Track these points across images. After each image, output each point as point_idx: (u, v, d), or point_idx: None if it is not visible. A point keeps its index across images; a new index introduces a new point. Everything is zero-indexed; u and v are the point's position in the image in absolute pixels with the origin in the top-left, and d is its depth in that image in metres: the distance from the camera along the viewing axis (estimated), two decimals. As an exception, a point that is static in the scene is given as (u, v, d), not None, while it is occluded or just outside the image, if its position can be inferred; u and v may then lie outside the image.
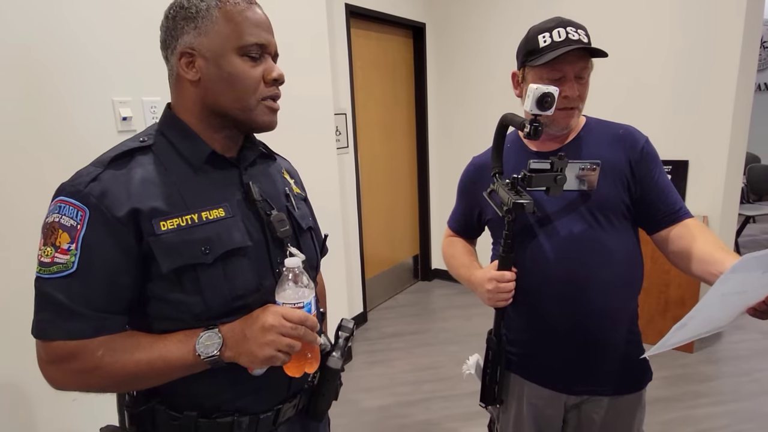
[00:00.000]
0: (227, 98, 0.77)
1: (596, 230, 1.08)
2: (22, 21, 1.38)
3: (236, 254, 0.77)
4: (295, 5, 2.37)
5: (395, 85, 3.77)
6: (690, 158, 2.94)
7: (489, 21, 3.61)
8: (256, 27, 0.77)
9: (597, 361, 1.12)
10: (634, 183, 1.11)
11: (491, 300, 1.11)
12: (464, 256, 1.30)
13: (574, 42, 1.03)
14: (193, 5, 0.75)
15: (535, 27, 1.09)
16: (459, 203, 1.34)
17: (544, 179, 1.01)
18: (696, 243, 1.05)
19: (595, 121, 1.19)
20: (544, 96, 0.94)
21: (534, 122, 0.95)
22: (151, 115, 1.72)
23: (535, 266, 1.11)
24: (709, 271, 0.99)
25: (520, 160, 1.13)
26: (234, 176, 0.83)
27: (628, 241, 1.12)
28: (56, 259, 0.69)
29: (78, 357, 0.69)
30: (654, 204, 1.11)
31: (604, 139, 1.14)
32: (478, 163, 1.26)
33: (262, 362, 0.72)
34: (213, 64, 0.75)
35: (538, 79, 1.06)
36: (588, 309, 1.09)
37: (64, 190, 0.72)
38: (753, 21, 2.74)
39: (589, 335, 1.11)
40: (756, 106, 3.42)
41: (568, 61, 1.03)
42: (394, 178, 3.89)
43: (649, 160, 1.12)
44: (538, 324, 1.15)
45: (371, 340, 3.24)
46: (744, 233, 4.83)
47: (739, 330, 3.08)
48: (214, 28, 0.75)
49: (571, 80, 1.06)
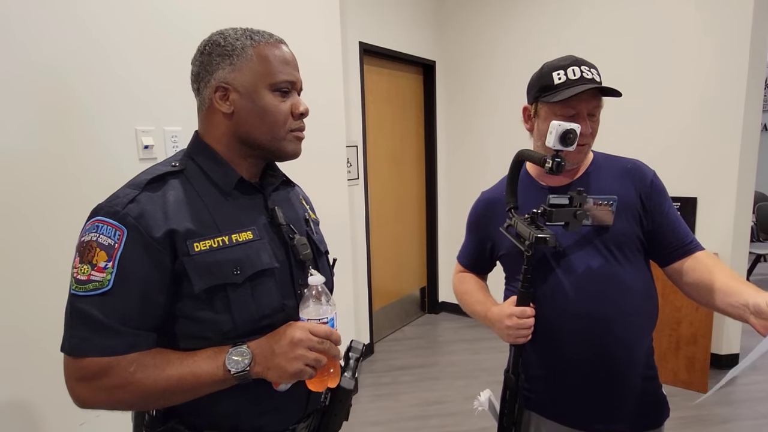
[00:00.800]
0: (259, 130, 0.82)
1: (613, 265, 1.09)
2: (55, 48, 1.46)
3: (264, 275, 0.80)
4: (313, 43, 2.48)
5: (405, 119, 3.86)
6: (699, 195, 2.96)
7: (494, 60, 3.72)
8: (286, 65, 0.83)
9: (617, 397, 1.10)
10: (646, 216, 1.12)
11: (511, 336, 1.09)
12: (478, 292, 1.28)
13: (589, 81, 1.05)
14: (229, 44, 0.81)
15: (549, 63, 1.12)
16: (469, 238, 1.33)
17: (564, 214, 1.02)
18: (712, 275, 1.05)
19: (602, 156, 1.21)
20: (567, 132, 0.97)
21: (556, 157, 0.97)
22: (172, 144, 1.78)
23: (553, 302, 1.10)
24: (728, 302, 1.00)
25: (531, 195, 1.15)
26: (259, 201, 0.87)
27: (644, 274, 1.13)
28: (92, 276, 0.71)
29: (110, 373, 0.71)
30: (666, 237, 1.12)
31: (613, 173, 1.16)
32: (489, 198, 1.27)
33: (291, 376, 0.73)
34: (247, 99, 0.80)
35: (551, 115, 1.08)
36: (609, 344, 1.08)
37: (101, 211, 0.75)
38: (756, 63, 2.81)
39: (609, 371, 1.09)
40: (764, 145, 3.45)
41: (582, 99, 1.06)
42: (403, 210, 3.93)
43: (659, 193, 1.14)
44: (557, 360, 1.13)
45: (378, 372, 3.20)
46: (755, 272, 4.78)
47: (754, 371, 3.01)
48: (248, 66, 0.80)
49: (585, 118, 1.08)
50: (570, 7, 3.33)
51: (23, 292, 1.40)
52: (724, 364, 3.05)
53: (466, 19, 3.84)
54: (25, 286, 1.40)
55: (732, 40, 2.79)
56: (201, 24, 1.85)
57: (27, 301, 1.40)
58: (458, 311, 4.16)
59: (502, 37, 3.67)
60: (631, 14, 3.10)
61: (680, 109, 2.99)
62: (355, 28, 3.10)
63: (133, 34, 1.65)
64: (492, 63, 3.75)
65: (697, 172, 2.96)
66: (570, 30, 3.34)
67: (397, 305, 3.94)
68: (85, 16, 1.52)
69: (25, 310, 1.40)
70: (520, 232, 1.05)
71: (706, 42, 2.87)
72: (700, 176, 2.96)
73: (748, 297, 0.95)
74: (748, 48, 2.75)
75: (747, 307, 0.95)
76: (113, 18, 1.59)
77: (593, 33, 3.25)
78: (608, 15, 3.18)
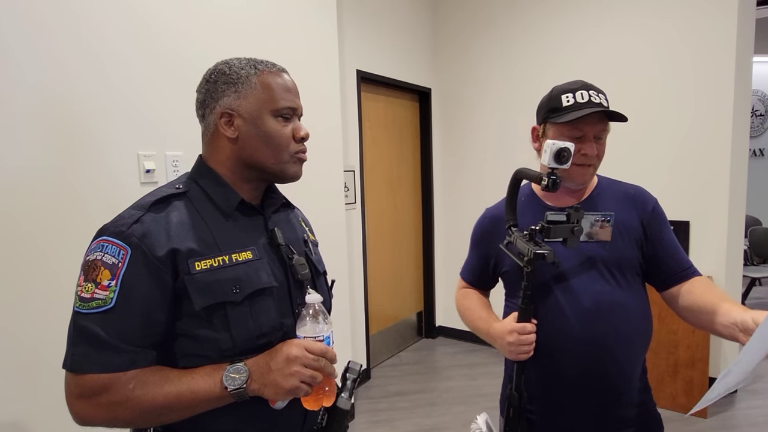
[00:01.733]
0: (263, 153, 0.86)
1: (613, 287, 1.11)
2: (61, 73, 1.50)
3: (262, 294, 0.82)
4: (313, 71, 2.55)
5: (402, 145, 3.93)
6: (691, 219, 3.01)
7: (488, 87, 3.82)
8: (288, 92, 0.87)
9: (614, 417, 1.12)
10: (646, 241, 1.15)
11: (513, 353, 1.09)
12: (481, 309, 1.29)
13: (596, 105, 1.10)
14: (234, 72, 0.85)
15: (558, 87, 1.16)
16: (473, 254, 1.34)
17: (561, 230, 1.04)
18: (705, 298, 1.09)
19: (607, 181, 1.25)
20: (561, 151, 1.00)
21: (552, 175, 1.01)
22: (173, 168, 1.81)
23: (553, 321, 1.11)
24: (720, 322, 1.03)
25: (536, 214, 1.17)
26: (259, 222, 0.89)
27: (642, 297, 1.15)
28: (96, 294, 0.73)
29: (110, 390, 0.72)
30: (665, 262, 1.16)
31: (617, 197, 1.19)
32: (493, 214, 1.28)
33: (287, 393, 0.74)
34: (251, 124, 0.84)
35: (559, 136, 1.12)
36: (607, 365, 1.09)
37: (107, 231, 0.77)
38: (742, 92, 2.90)
39: (607, 391, 1.11)
40: (753, 170, 3.53)
41: (589, 122, 1.10)
42: (400, 235, 3.95)
43: (660, 219, 1.18)
44: (555, 379, 1.13)
45: (374, 398, 3.16)
46: (751, 296, 4.79)
47: (754, 395, 3.00)
48: (252, 93, 0.84)
49: (591, 140, 1.12)
50: (560, 36, 3.44)
51: (27, 310, 1.40)
52: (722, 389, 3.03)
53: (459, 47, 3.96)
54: (29, 304, 1.41)
55: (717, 69, 2.89)
56: (205, 53, 1.91)
57: (31, 319, 1.41)
58: (455, 336, 4.13)
59: (494, 65, 3.78)
60: (620, 43, 3.20)
61: (670, 135, 3.06)
62: (353, 57, 3.19)
63: (138, 61, 1.71)
64: (485, 90, 3.85)
65: (688, 196, 3.02)
66: (560, 58, 3.45)
67: (393, 330, 3.91)
68: (92, 42, 1.57)
69: (29, 328, 1.40)
70: (520, 249, 1.07)
71: (692, 71, 2.97)
72: (692, 201, 3.01)
73: (737, 316, 0.98)
74: (733, 76, 2.84)
75: (736, 326, 0.98)
76: (118, 46, 1.65)
77: (582, 62, 3.35)
78: (597, 44, 3.29)
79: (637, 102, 3.16)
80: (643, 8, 3.10)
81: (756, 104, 6.13)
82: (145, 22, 1.73)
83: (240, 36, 2.12)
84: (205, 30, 1.95)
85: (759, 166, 6.04)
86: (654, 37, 3.08)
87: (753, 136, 6.05)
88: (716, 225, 2.95)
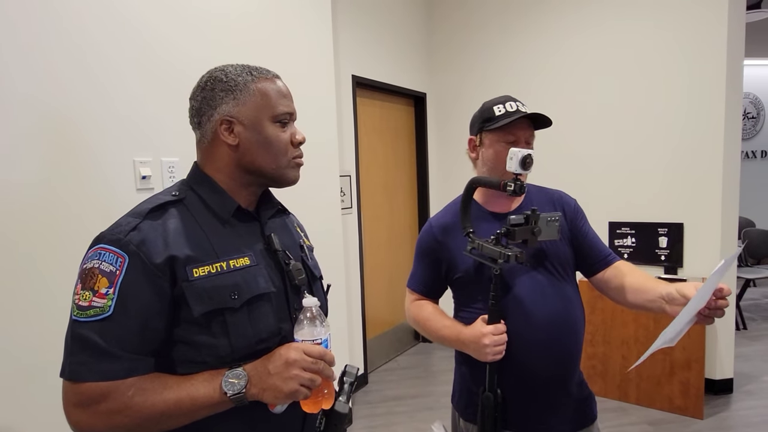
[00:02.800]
0: (264, 159, 0.87)
1: (559, 280, 1.24)
2: (55, 81, 1.50)
3: (261, 299, 0.82)
4: (308, 76, 2.56)
5: (397, 149, 3.94)
6: (685, 221, 3.03)
7: (482, 90, 3.83)
8: (284, 98, 0.89)
9: (565, 402, 1.22)
10: (573, 236, 1.30)
11: (489, 354, 1.14)
12: (443, 317, 1.30)
13: (523, 112, 1.22)
14: (231, 79, 0.86)
15: (488, 102, 1.30)
16: (422, 264, 1.36)
17: (523, 232, 1.12)
18: (630, 279, 1.23)
19: (534, 187, 1.36)
20: (526, 157, 1.09)
21: (517, 180, 1.09)
22: (169, 174, 1.81)
23: (517, 318, 1.18)
24: (647, 299, 1.15)
25: (481, 219, 1.27)
26: (256, 228, 0.90)
27: (577, 288, 1.29)
28: (93, 303, 0.73)
29: (109, 398, 0.71)
30: (589, 252, 1.30)
31: (545, 200, 1.32)
32: (442, 223, 1.33)
33: (286, 396, 0.74)
34: (251, 130, 0.85)
35: (495, 143, 1.25)
36: (564, 354, 1.20)
37: (104, 238, 0.77)
38: (733, 95, 2.94)
39: (563, 379, 1.21)
40: (746, 172, 3.56)
41: (520, 127, 1.23)
42: (396, 240, 3.95)
43: (581, 215, 1.34)
44: (518, 372, 1.19)
45: (372, 403, 3.15)
46: (745, 297, 4.82)
47: (750, 396, 3.02)
48: (251, 100, 0.85)
49: (523, 144, 1.23)
50: (554, 41, 3.47)
51: (23, 320, 1.40)
52: (718, 390, 3.04)
53: (454, 52, 3.98)
54: (26, 313, 1.40)
55: (709, 72, 2.92)
56: (199, 59, 1.92)
57: (27, 329, 1.40)
58: (453, 340, 4.13)
59: (488, 69, 3.81)
60: (613, 47, 3.24)
61: (663, 138, 3.09)
62: (348, 62, 3.20)
63: (132, 67, 1.71)
64: (480, 93, 3.82)
65: (683, 198, 3.04)
66: (553, 63, 3.48)
67: (390, 334, 3.91)
68: (86, 49, 1.57)
69: (27, 336, 1.39)
70: (488, 253, 1.13)
71: (684, 75, 3.00)
72: (686, 203, 3.03)
73: (662, 290, 1.10)
74: (725, 80, 2.88)
75: (663, 299, 1.09)
76: (113, 52, 1.65)
77: (577, 67, 3.38)
78: (590, 48, 3.32)
79: (630, 105, 3.19)
80: (637, 13, 3.13)
81: (747, 107, 6.20)
82: (138, 29, 1.73)
83: (235, 43, 2.13)
84: (198, 37, 1.96)
85: (751, 167, 6.10)
86: (646, 41, 3.11)
87: (745, 139, 6.11)
88: (710, 227, 2.97)
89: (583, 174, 3.33)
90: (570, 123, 3.38)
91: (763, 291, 5.42)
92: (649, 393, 2.91)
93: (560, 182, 1.69)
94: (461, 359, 1.30)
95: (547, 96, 3.46)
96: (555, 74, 3.46)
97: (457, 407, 1.33)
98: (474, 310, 1.24)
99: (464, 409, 1.29)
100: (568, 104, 3.40)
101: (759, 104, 6.23)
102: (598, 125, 3.32)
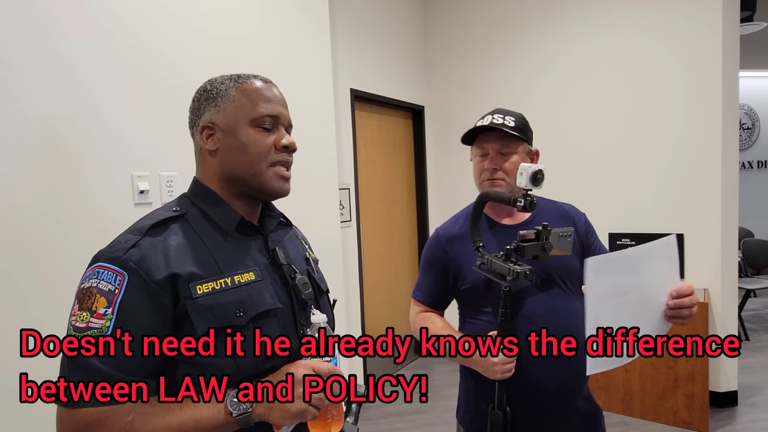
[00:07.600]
0: (240, 165, 0.83)
1: (569, 294, 1.22)
2: (51, 95, 1.49)
3: (267, 316, 0.80)
4: (306, 90, 2.56)
5: (396, 162, 3.94)
6: (685, 232, 3.02)
7: (480, 103, 3.85)
8: (269, 101, 0.85)
9: (573, 417, 1.21)
10: (583, 250, 1.28)
11: (498, 372, 1.12)
12: (451, 332, 1.26)
13: (496, 125, 1.20)
14: (214, 88, 0.85)
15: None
16: (429, 274, 1.33)
17: (534, 248, 1.09)
18: None
19: (542, 200, 1.33)
20: (537, 173, 1.07)
21: (527, 196, 1.07)
22: (167, 188, 1.80)
23: (525, 334, 1.15)
24: None
25: (489, 232, 1.25)
26: (259, 242, 0.88)
27: (583, 301, 1.24)
28: (91, 324, 0.70)
29: (106, 424, 0.68)
30: None
31: (554, 214, 1.30)
32: (447, 234, 1.32)
33: (294, 416, 0.71)
34: (229, 136, 0.83)
35: (473, 156, 1.28)
36: (574, 370, 1.17)
37: (102, 257, 0.75)
38: (729, 106, 2.96)
39: (572, 394, 1.20)
40: (742, 182, 3.57)
41: (486, 140, 1.23)
42: (395, 252, 3.93)
43: (591, 231, 1.33)
44: (527, 388, 1.16)
45: (372, 419, 3.10)
46: (747, 308, 4.80)
47: (755, 408, 2.98)
48: (231, 105, 0.83)
49: (493, 156, 1.22)
50: (551, 55, 3.50)
51: (19, 340, 1.37)
52: (723, 402, 3.01)
53: (451, 65, 4.01)
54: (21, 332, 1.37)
55: (705, 85, 2.94)
56: (197, 73, 1.91)
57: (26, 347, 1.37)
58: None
59: (486, 81, 3.83)
60: (609, 60, 3.26)
61: (661, 150, 3.10)
62: (347, 76, 3.21)
63: (129, 81, 1.70)
64: (477, 106, 3.86)
65: (682, 209, 3.04)
66: (550, 77, 3.50)
67: (391, 348, 3.87)
68: (81, 65, 1.57)
69: (19, 359, 1.36)
70: (497, 269, 1.11)
71: (680, 87, 3.02)
72: (686, 214, 3.03)
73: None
74: (720, 91, 2.90)
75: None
76: (109, 65, 1.65)
77: (573, 81, 3.40)
78: (588, 64, 3.34)
79: (628, 118, 3.20)
80: (634, 27, 3.16)
81: (743, 117, 6.25)
82: (131, 46, 1.73)
83: (233, 56, 2.13)
84: (197, 49, 1.96)
85: (748, 178, 6.12)
86: (643, 54, 3.14)
87: (741, 149, 6.15)
88: (710, 237, 2.96)
89: (582, 185, 3.33)
90: (568, 135, 3.39)
91: (764, 301, 5.40)
92: (654, 407, 2.87)
93: (559, 194, 1.68)
94: (467, 373, 1.28)
95: (544, 109, 3.47)
96: (552, 88, 3.48)
97: (462, 422, 1.30)
98: (480, 321, 1.22)
99: (470, 423, 1.26)
100: (566, 117, 3.42)
101: (754, 115, 6.29)
102: (597, 138, 3.33)
